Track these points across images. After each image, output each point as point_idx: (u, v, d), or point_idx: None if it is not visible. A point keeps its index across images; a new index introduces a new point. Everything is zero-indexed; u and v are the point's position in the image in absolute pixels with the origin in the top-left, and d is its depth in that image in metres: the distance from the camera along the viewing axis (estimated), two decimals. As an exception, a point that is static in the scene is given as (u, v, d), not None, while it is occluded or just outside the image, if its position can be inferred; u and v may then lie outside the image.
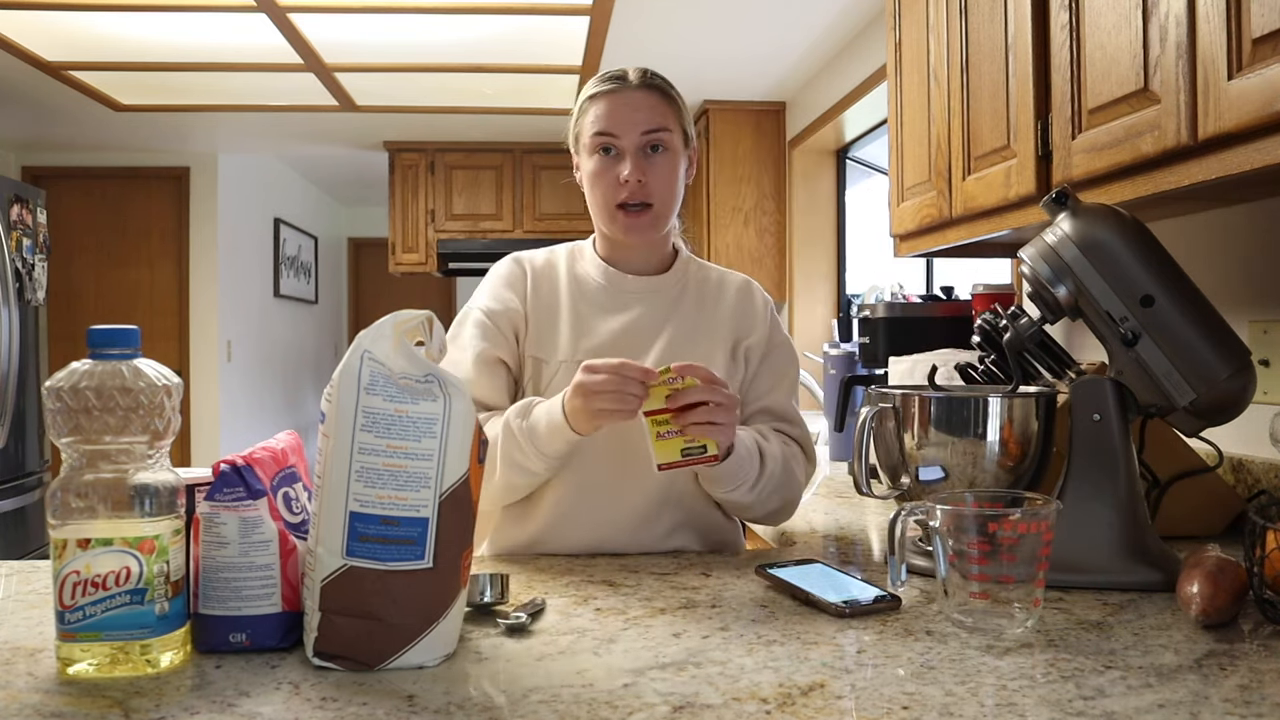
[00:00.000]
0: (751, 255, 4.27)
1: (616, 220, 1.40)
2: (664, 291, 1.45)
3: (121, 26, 3.35)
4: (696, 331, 1.43)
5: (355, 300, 8.54)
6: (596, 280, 1.45)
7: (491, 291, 1.45)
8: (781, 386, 1.47)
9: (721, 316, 1.45)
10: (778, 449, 1.37)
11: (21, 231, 3.55)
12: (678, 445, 1.21)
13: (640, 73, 1.41)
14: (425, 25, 3.35)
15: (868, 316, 2.46)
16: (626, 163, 1.37)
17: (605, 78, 1.41)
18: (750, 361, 1.46)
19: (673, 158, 1.40)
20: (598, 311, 1.42)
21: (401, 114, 4.66)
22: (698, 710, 0.79)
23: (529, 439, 1.28)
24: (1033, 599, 0.97)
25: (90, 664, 0.88)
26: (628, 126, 1.37)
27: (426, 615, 0.90)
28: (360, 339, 0.93)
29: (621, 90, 1.39)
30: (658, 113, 1.39)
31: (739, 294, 1.49)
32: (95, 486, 0.88)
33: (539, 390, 1.39)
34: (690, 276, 1.49)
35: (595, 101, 1.40)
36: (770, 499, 1.36)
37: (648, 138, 1.37)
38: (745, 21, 3.34)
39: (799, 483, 1.41)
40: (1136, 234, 1.17)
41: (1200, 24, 1.07)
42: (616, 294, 1.44)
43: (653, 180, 1.38)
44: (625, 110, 1.37)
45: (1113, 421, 1.18)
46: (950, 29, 1.73)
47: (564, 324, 1.41)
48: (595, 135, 1.38)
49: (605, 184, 1.39)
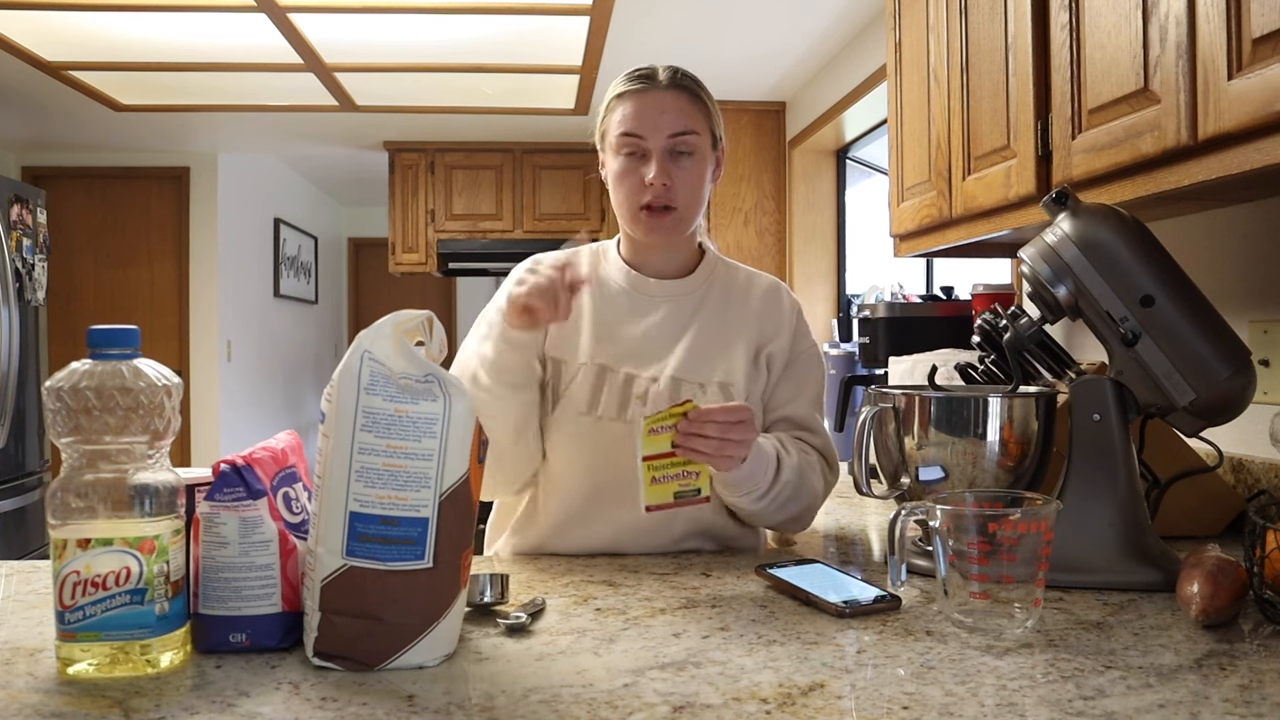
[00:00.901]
0: (751, 255, 4.27)
1: (639, 221, 1.38)
2: (687, 295, 1.43)
3: (121, 26, 3.35)
4: (719, 336, 1.40)
5: (355, 300, 8.54)
6: (619, 283, 1.43)
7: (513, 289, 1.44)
8: (804, 396, 1.43)
9: (746, 320, 1.42)
10: (795, 459, 1.33)
11: (21, 231, 3.55)
12: (671, 489, 1.19)
13: (670, 72, 1.38)
14: (425, 25, 3.35)
15: (868, 316, 2.47)
16: (652, 164, 1.35)
17: (634, 76, 1.39)
18: (773, 369, 1.42)
19: (699, 161, 1.38)
20: (620, 315, 1.40)
21: (401, 114, 4.66)
22: (698, 710, 0.79)
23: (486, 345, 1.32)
24: (1033, 599, 0.97)
25: (90, 664, 0.88)
26: (654, 128, 1.35)
27: (426, 615, 0.90)
28: (360, 339, 0.93)
29: (650, 90, 1.36)
30: (686, 115, 1.36)
31: (765, 297, 1.46)
32: (95, 486, 0.88)
33: (558, 392, 1.37)
34: (716, 279, 1.46)
35: (623, 100, 1.38)
36: (785, 508, 1.32)
37: (674, 140, 1.35)
38: (745, 21, 3.34)
39: (817, 493, 1.37)
40: (1136, 234, 1.17)
41: (1200, 24, 1.07)
42: (639, 297, 1.42)
43: (678, 183, 1.35)
44: (653, 112, 1.35)
45: (1113, 421, 1.18)
46: (950, 29, 1.73)
47: (586, 326, 1.39)
48: (621, 135, 1.36)
49: (630, 185, 1.37)
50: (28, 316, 3.58)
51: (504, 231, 5.36)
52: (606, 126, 1.40)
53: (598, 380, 1.35)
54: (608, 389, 1.35)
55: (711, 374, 1.36)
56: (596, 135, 1.45)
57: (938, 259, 2.51)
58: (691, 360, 1.37)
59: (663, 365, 1.36)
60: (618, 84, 1.40)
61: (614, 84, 1.42)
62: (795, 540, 1.55)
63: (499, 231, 5.36)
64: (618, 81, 1.41)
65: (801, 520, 1.37)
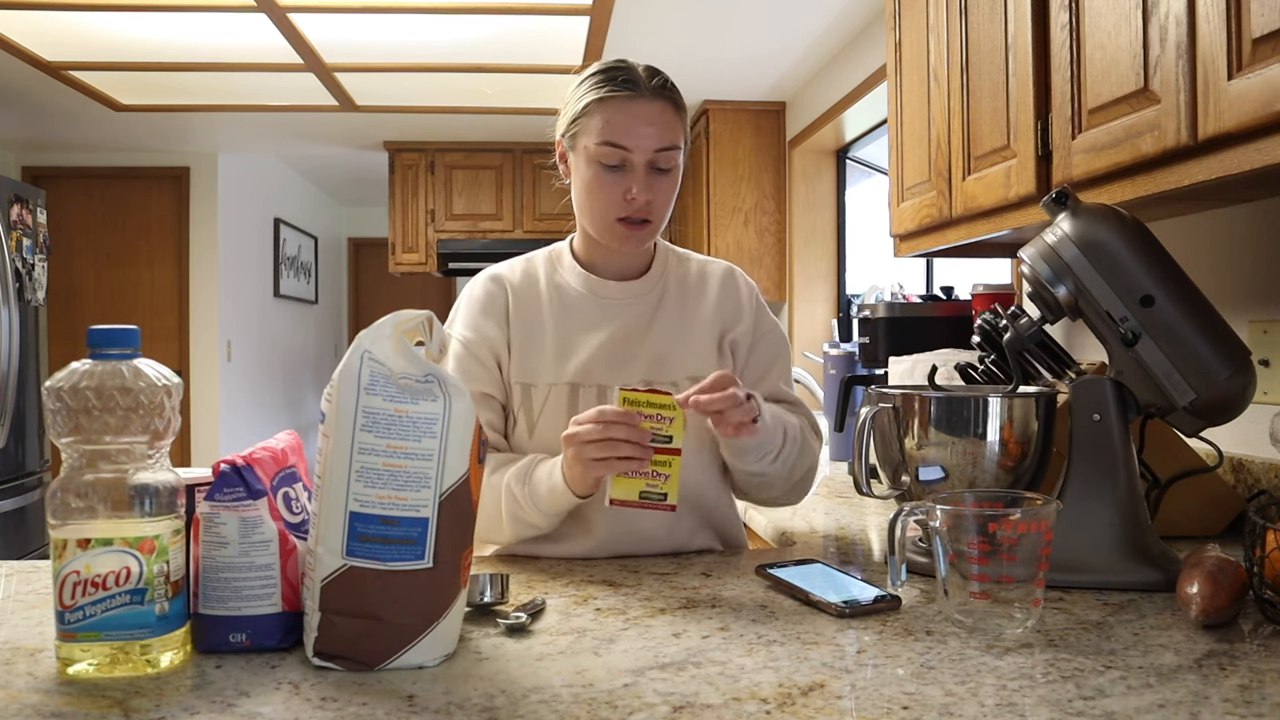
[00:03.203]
0: (751, 255, 4.27)
1: (614, 232, 1.36)
2: (646, 296, 1.42)
3: (121, 26, 3.35)
4: (682, 333, 1.41)
5: (355, 300, 8.53)
6: (577, 289, 1.41)
7: (468, 320, 1.40)
8: (773, 372, 1.46)
9: (705, 311, 1.43)
10: (794, 419, 1.38)
11: (21, 231, 3.55)
12: (638, 486, 1.18)
13: (650, 76, 1.34)
14: (425, 25, 3.35)
15: (868, 316, 2.46)
16: (635, 178, 1.32)
17: (615, 79, 1.33)
18: (738, 354, 1.44)
19: (676, 173, 1.36)
20: (581, 326, 1.39)
21: (401, 114, 4.66)
22: (698, 710, 0.79)
23: (532, 502, 1.27)
24: (1033, 599, 0.97)
25: (90, 664, 0.88)
26: (639, 140, 1.31)
27: (426, 615, 0.90)
28: (360, 339, 0.93)
29: (635, 99, 1.32)
30: (670, 129, 1.33)
31: (721, 285, 1.46)
32: (95, 486, 0.88)
33: (531, 417, 1.36)
34: (670, 273, 1.45)
35: (604, 106, 1.32)
36: (795, 469, 1.36)
37: (659, 155, 1.32)
38: (745, 21, 3.34)
39: (814, 453, 1.41)
40: (1136, 234, 1.17)
41: (1200, 24, 1.07)
42: (598, 303, 1.40)
43: (657, 198, 1.34)
44: (638, 123, 1.31)
45: (1113, 421, 1.18)
46: (950, 29, 1.73)
47: (549, 344, 1.37)
48: (603, 145, 1.32)
49: (609, 197, 1.33)
50: (28, 316, 3.58)
51: (504, 231, 5.36)
52: (581, 129, 1.35)
53: (570, 400, 1.35)
54: (583, 407, 1.33)
55: (682, 370, 1.37)
56: (562, 130, 1.39)
57: (938, 259, 2.51)
58: (659, 361, 1.38)
59: (632, 371, 1.36)
60: (596, 83, 1.34)
61: (587, 80, 1.36)
62: (795, 540, 1.55)
63: (499, 231, 5.36)
64: (595, 80, 1.35)
65: (806, 481, 1.42)
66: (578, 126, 1.35)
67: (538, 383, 1.36)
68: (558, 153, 1.42)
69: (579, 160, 1.37)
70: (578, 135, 1.36)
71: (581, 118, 1.35)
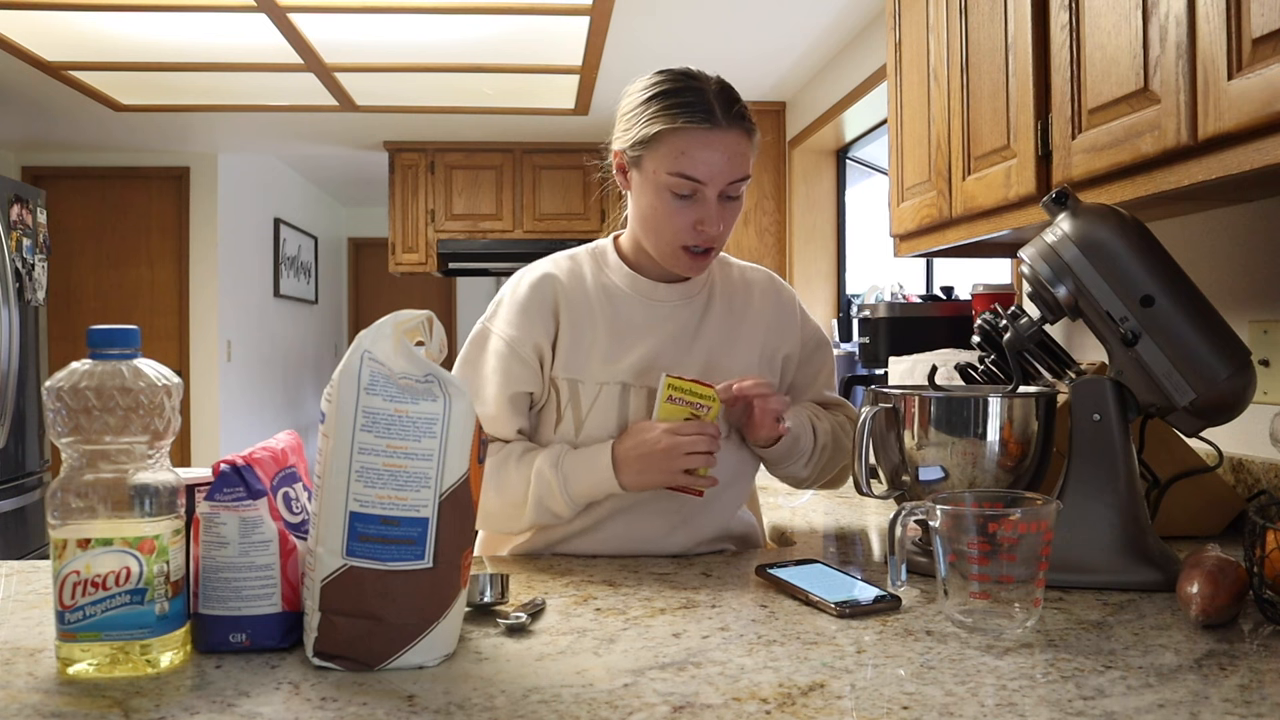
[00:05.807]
0: (751, 255, 4.27)
1: (679, 259, 1.33)
2: (694, 299, 1.42)
3: (121, 26, 3.35)
4: (729, 342, 1.41)
5: (355, 300, 8.53)
6: (625, 291, 1.39)
7: (511, 317, 1.37)
8: (820, 378, 1.52)
9: (752, 321, 1.44)
10: (827, 423, 1.44)
11: (21, 231, 3.55)
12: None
13: (725, 101, 1.29)
14: (425, 25, 3.35)
15: (868, 316, 2.47)
16: (706, 210, 1.29)
17: (691, 107, 1.28)
18: (789, 368, 1.48)
19: (744, 198, 1.35)
20: (631, 326, 1.37)
21: (401, 114, 4.66)
22: (698, 710, 0.79)
23: (564, 487, 1.28)
24: (1033, 599, 0.97)
25: (90, 664, 0.88)
26: (716, 173, 1.28)
27: (426, 615, 0.90)
28: (360, 339, 0.93)
29: (712, 131, 1.27)
30: (744, 159, 1.30)
31: (764, 296, 1.47)
32: (95, 486, 0.88)
33: (579, 414, 1.34)
34: (715, 276, 1.45)
35: (679, 135, 1.27)
36: (826, 469, 1.45)
37: (731, 187, 1.30)
38: (745, 21, 3.34)
39: (848, 451, 1.44)
40: (1136, 234, 1.17)
41: (1200, 24, 1.07)
42: (646, 305, 1.39)
43: (725, 227, 1.32)
44: (717, 157, 1.27)
45: (1113, 421, 1.18)
46: (950, 29, 1.73)
47: (599, 343, 1.36)
48: (677, 176, 1.27)
49: (679, 226, 1.30)
50: (28, 316, 3.58)
51: (504, 231, 5.36)
52: (648, 152, 1.30)
53: (621, 400, 1.34)
54: (633, 407, 1.34)
55: (728, 376, 1.36)
56: (624, 145, 1.34)
57: (938, 259, 2.51)
58: (707, 366, 1.38)
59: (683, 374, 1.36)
60: (666, 108, 1.29)
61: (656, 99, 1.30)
62: (795, 540, 1.55)
63: (499, 231, 5.36)
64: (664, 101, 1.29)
65: (842, 477, 1.50)
66: (645, 150, 1.31)
67: (586, 380, 1.35)
68: (615, 162, 1.38)
69: (644, 181, 1.32)
70: (644, 158, 1.31)
71: (654, 142, 1.30)
